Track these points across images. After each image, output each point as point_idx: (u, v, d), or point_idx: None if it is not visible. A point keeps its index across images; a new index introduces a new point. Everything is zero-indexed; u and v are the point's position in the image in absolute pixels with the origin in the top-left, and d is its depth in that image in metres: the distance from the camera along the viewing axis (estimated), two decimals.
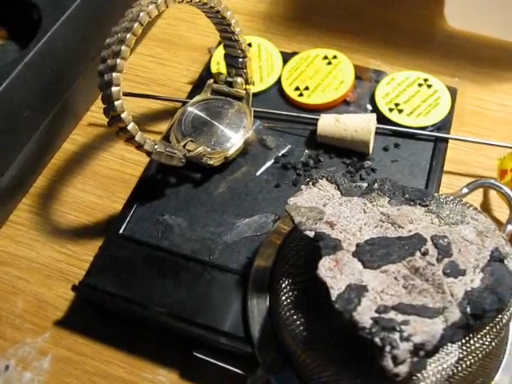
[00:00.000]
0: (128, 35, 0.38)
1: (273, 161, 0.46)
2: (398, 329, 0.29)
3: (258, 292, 0.39)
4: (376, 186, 0.37)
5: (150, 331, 0.41)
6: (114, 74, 0.37)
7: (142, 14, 0.38)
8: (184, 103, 0.49)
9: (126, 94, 0.50)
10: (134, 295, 0.40)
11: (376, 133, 0.46)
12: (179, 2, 0.41)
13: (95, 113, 0.54)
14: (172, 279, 0.41)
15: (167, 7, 0.40)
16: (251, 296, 0.39)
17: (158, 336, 0.41)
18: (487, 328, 0.34)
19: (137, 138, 0.39)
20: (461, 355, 0.33)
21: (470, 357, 0.33)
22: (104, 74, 0.38)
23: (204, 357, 0.39)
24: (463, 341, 0.33)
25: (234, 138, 0.46)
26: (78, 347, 0.42)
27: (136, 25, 0.38)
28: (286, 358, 0.36)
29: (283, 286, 0.36)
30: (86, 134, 0.53)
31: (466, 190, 0.42)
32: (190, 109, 0.47)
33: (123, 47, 0.37)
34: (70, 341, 0.42)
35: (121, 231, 0.43)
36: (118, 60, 0.37)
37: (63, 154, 0.52)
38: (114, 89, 0.37)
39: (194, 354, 0.39)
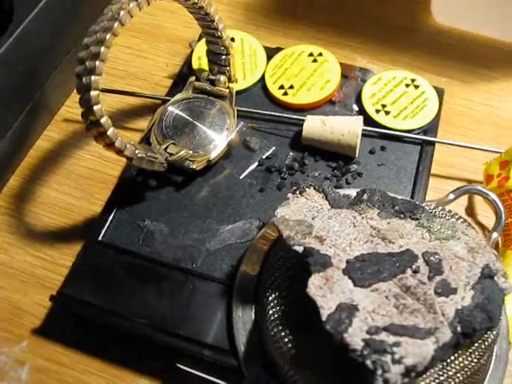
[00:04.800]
0: (107, 36, 0.36)
1: (257, 163, 0.45)
2: (389, 351, 0.29)
3: (243, 302, 0.38)
4: (365, 196, 0.37)
5: (132, 340, 0.40)
6: (93, 78, 0.35)
7: (122, 12, 0.36)
8: (164, 101, 0.47)
9: (103, 90, 0.49)
10: (114, 306, 0.39)
11: (362, 135, 0.45)
12: None
13: (71, 108, 0.52)
14: (153, 289, 0.40)
15: (149, 4, 0.38)
16: (236, 306, 0.38)
17: (139, 346, 0.40)
18: (476, 345, 0.33)
19: (116, 144, 0.38)
20: (449, 373, 0.33)
21: (458, 374, 0.33)
22: (82, 76, 0.36)
23: (187, 368, 0.38)
24: (452, 358, 0.33)
25: (217, 139, 0.44)
26: (57, 357, 0.41)
27: (116, 24, 0.36)
28: (272, 373, 0.36)
29: (270, 299, 0.36)
30: (61, 131, 0.51)
31: (452, 196, 0.42)
32: (170, 108, 0.45)
33: (102, 48, 0.36)
34: (48, 350, 0.41)
35: (100, 238, 0.42)
36: (97, 62, 0.35)
37: (38, 152, 0.50)
38: (92, 93, 0.36)
39: (177, 365, 0.38)
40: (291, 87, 0.48)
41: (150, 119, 0.48)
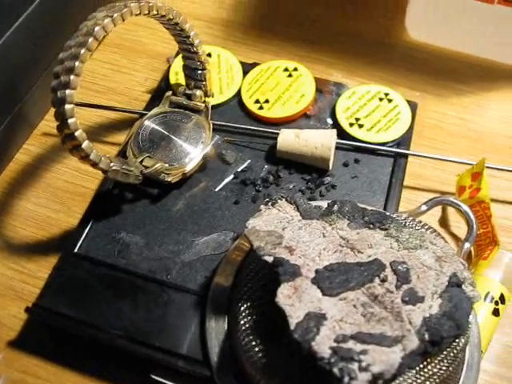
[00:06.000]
0: (82, 50, 0.36)
1: (232, 176, 0.46)
2: (356, 359, 0.29)
3: (217, 314, 0.39)
4: (336, 207, 0.37)
5: (107, 352, 0.40)
6: (67, 92, 0.36)
7: (97, 28, 0.37)
8: (141, 115, 0.48)
9: (81, 105, 0.49)
10: (90, 317, 0.39)
11: (336, 148, 0.46)
12: (136, 15, 0.40)
13: (50, 122, 0.52)
14: (129, 300, 0.40)
15: (123, 20, 0.39)
16: (209, 318, 0.39)
17: (114, 357, 0.40)
18: (444, 353, 0.34)
19: (91, 157, 0.38)
20: (418, 380, 0.33)
21: (427, 382, 0.33)
22: (57, 90, 0.36)
23: (161, 379, 0.38)
24: (420, 366, 0.33)
25: (193, 152, 0.45)
26: (32, 369, 0.41)
27: (91, 40, 0.37)
28: (244, 382, 0.36)
29: (241, 309, 0.36)
30: (40, 144, 0.51)
31: (424, 208, 0.42)
32: (147, 122, 0.46)
33: (77, 63, 0.36)
34: (23, 362, 0.41)
35: (76, 250, 0.42)
36: (72, 76, 0.36)
37: (16, 166, 0.50)
38: (67, 106, 0.36)
39: (152, 376, 0.38)
40: (267, 101, 0.49)
41: (127, 133, 0.49)
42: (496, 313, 0.40)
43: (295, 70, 0.51)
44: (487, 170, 0.44)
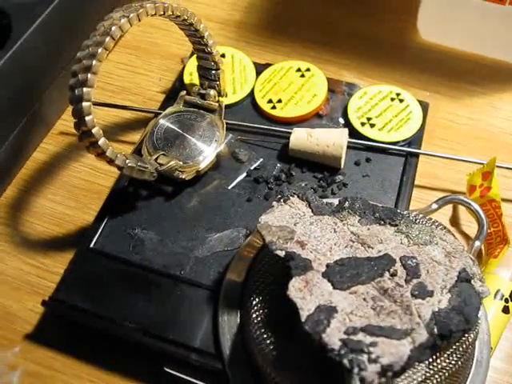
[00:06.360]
0: (99, 50, 0.37)
1: (245, 174, 0.46)
2: (366, 350, 0.30)
3: (229, 308, 0.39)
4: (347, 204, 0.38)
5: (121, 345, 0.41)
6: (84, 89, 0.37)
7: (114, 28, 0.38)
8: (156, 114, 0.49)
9: (97, 104, 0.50)
10: (105, 311, 0.40)
11: (348, 147, 0.46)
12: (152, 15, 0.40)
13: (67, 121, 0.53)
14: (143, 294, 0.41)
15: (139, 20, 0.39)
16: (222, 312, 0.39)
17: (128, 350, 0.41)
18: (453, 347, 0.34)
19: (108, 153, 0.39)
20: (427, 374, 0.33)
21: (436, 376, 0.33)
22: (75, 88, 0.37)
23: (174, 372, 0.39)
24: (430, 360, 0.34)
25: (206, 151, 0.45)
26: (48, 361, 0.41)
27: (108, 39, 0.37)
28: (256, 376, 0.37)
29: (254, 303, 0.37)
30: (56, 143, 0.52)
31: (435, 206, 0.43)
32: (161, 121, 0.47)
33: (94, 62, 0.37)
34: (39, 355, 0.42)
35: (91, 245, 0.43)
36: (89, 75, 0.37)
37: (34, 164, 0.51)
38: (84, 104, 0.37)
39: (165, 369, 0.39)
40: (279, 101, 0.50)
41: (142, 132, 0.50)
42: (506, 310, 0.41)
43: (308, 70, 0.51)
44: (498, 169, 0.44)
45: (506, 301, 0.41)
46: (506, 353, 0.41)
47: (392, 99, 0.49)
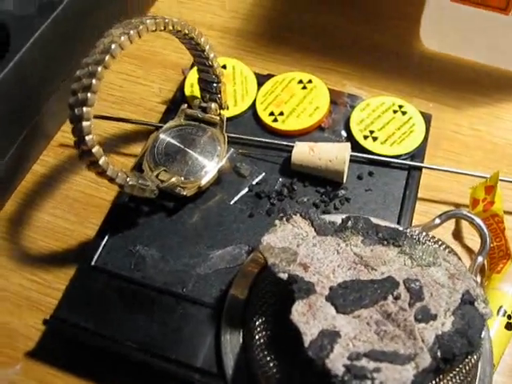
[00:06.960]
0: (99, 68, 0.37)
1: (247, 189, 0.46)
2: (369, 376, 0.30)
3: (232, 326, 0.39)
4: (350, 223, 0.38)
5: (123, 364, 0.41)
6: (84, 109, 0.36)
7: (113, 46, 0.37)
8: (157, 127, 0.49)
9: (98, 117, 0.50)
10: (106, 329, 0.40)
11: (350, 160, 0.46)
12: (152, 31, 0.40)
13: (66, 133, 0.53)
14: (145, 313, 0.41)
15: (140, 37, 0.39)
16: (225, 331, 0.39)
17: (130, 369, 0.41)
18: (457, 369, 0.34)
19: (108, 173, 0.39)
20: None
21: None
22: (74, 107, 0.37)
23: None
24: (433, 382, 0.34)
25: (208, 166, 0.45)
26: (50, 379, 0.41)
27: (107, 57, 0.37)
28: None
29: (257, 323, 0.37)
30: (56, 156, 0.52)
31: (438, 221, 0.42)
32: (162, 136, 0.47)
33: (94, 81, 0.37)
34: (41, 372, 0.42)
35: (93, 262, 0.43)
36: (89, 94, 0.36)
37: (33, 177, 0.51)
38: (84, 124, 0.37)
39: None
40: (281, 114, 0.49)
41: (143, 145, 0.49)
42: (509, 327, 0.40)
43: (309, 81, 0.51)
44: (501, 182, 0.44)
45: (509, 317, 0.41)
46: (509, 368, 0.41)
47: (395, 111, 0.49)
